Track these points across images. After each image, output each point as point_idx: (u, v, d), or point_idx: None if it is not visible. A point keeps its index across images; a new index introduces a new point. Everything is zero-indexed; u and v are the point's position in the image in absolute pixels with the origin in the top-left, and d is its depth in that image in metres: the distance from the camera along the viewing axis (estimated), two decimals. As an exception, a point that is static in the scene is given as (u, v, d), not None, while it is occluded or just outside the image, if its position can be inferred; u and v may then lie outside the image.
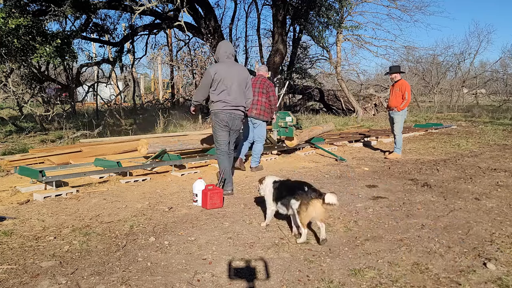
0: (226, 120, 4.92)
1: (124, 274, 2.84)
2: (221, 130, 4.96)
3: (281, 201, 3.61)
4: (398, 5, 17.03)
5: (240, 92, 4.94)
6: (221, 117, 4.90)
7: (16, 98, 10.07)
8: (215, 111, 4.92)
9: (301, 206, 3.36)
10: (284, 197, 3.56)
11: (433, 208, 4.47)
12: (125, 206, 4.49)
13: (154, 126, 11.44)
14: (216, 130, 4.98)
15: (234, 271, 2.91)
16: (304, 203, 3.35)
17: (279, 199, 3.63)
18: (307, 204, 3.34)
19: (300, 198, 3.38)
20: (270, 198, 3.76)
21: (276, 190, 3.70)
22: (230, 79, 4.83)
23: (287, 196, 3.52)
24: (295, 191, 3.46)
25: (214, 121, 4.98)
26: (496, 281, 2.75)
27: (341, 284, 2.72)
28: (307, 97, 20.10)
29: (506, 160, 7.48)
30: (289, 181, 3.84)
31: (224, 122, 4.92)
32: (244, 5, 32.71)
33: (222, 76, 4.78)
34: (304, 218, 3.37)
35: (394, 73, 7.91)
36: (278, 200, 3.65)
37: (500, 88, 27.49)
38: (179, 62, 15.45)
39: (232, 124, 4.98)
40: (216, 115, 4.92)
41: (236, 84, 4.88)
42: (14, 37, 7.25)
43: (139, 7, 9.38)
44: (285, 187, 3.66)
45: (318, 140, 8.66)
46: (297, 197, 3.41)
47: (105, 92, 18.46)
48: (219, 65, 4.89)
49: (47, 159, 6.37)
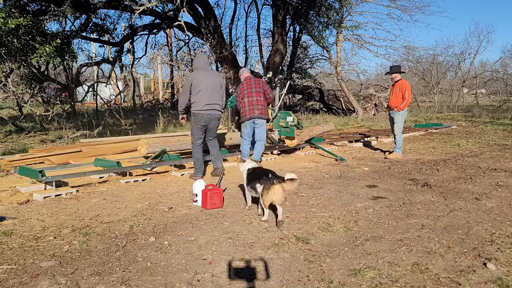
0: (203, 122, 5.57)
1: (124, 274, 2.84)
2: (198, 130, 5.64)
3: (250, 185, 4.23)
4: (398, 5, 17.06)
5: (215, 92, 5.63)
6: (198, 119, 5.56)
7: (16, 98, 10.07)
8: (194, 112, 5.56)
9: (264, 190, 3.94)
10: (253, 181, 4.18)
11: (433, 208, 4.47)
12: (125, 206, 4.49)
13: (154, 126, 11.44)
14: (194, 130, 5.65)
15: (234, 271, 2.91)
16: (266, 188, 3.92)
17: (249, 183, 4.26)
18: (268, 188, 3.90)
19: (263, 183, 3.97)
20: (244, 182, 4.42)
21: (248, 175, 4.35)
22: (205, 83, 5.54)
23: (254, 181, 4.14)
24: (261, 177, 4.06)
25: (193, 121, 5.64)
26: (496, 281, 2.75)
27: (341, 284, 2.72)
28: (307, 97, 20.10)
29: (506, 160, 7.48)
30: (259, 168, 4.45)
31: (202, 123, 5.58)
32: (244, 5, 32.75)
33: (199, 80, 5.52)
34: (266, 200, 3.95)
35: (395, 73, 7.91)
36: (249, 184, 4.28)
37: (500, 88, 27.49)
38: (179, 62, 15.47)
39: (209, 124, 5.66)
40: (195, 116, 5.57)
41: (211, 87, 5.58)
42: (14, 37, 7.25)
43: (139, 7, 9.38)
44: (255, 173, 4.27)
45: (318, 140, 8.66)
46: (261, 182, 4.01)
47: (105, 92, 18.46)
48: (196, 72, 5.65)
49: (47, 159, 6.36)
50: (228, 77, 14.30)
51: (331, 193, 5.13)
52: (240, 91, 6.46)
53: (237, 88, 6.61)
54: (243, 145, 6.60)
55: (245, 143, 6.57)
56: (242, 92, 6.43)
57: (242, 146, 6.62)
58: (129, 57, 17.09)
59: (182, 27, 11.49)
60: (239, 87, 6.54)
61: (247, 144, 6.58)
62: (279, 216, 3.92)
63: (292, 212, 4.30)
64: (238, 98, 6.48)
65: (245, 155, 6.57)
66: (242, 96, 6.41)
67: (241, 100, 6.42)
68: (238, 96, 6.49)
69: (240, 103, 6.43)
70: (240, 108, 6.45)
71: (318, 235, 3.61)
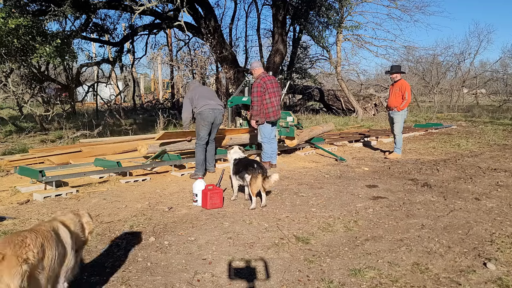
0: (209, 118, 5.73)
1: (124, 274, 2.84)
2: (204, 128, 5.78)
3: (238, 175, 4.65)
4: (398, 5, 17.05)
5: (214, 95, 6.07)
6: (204, 116, 5.71)
7: (16, 98, 10.07)
8: (199, 111, 5.74)
9: (251, 179, 4.40)
10: (240, 171, 4.62)
11: (433, 208, 4.47)
12: (125, 206, 4.49)
13: (154, 126, 11.44)
14: (200, 128, 5.79)
15: (234, 271, 2.91)
16: (253, 177, 4.40)
17: (237, 173, 4.68)
18: (255, 177, 4.39)
19: (250, 173, 4.45)
20: (231, 171, 4.84)
21: (235, 166, 4.76)
22: (203, 91, 6.06)
23: (242, 171, 4.59)
24: (247, 168, 4.52)
25: (198, 120, 5.80)
26: (496, 281, 2.75)
27: (341, 284, 2.72)
28: (307, 97, 20.10)
29: (506, 160, 7.48)
30: (244, 159, 4.88)
31: (208, 119, 5.73)
32: (244, 5, 32.81)
33: (197, 91, 5.94)
34: (253, 188, 4.41)
35: (395, 73, 7.91)
36: (236, 174, 4.69)
37: (500, 88, 27.47)
38: (179, 62, 15.46)
39: (215, 119, 5.82)
40: (201, 114, 5.73)
41: (209, 92, 6.13)
42: (14, 37, 7.25)
43: (139, 7, 9.37)
44: (241, 164, 4.70)
45: (318, 140, 8.66)
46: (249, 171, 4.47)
47: (105, 92, 18.47)
48: (192, 89, 6.10)
49: (47, 159, 6.36)
50: (228, 77, 14.31)
51: (331, 193, 5.13)
52: (263, 89, 6.00)
53: (257, 83, 6.06)
54: (267, 145, 6.34)
55: (269, 143, 6.32)
56: (266, 90, 6.01)
57: (266, 147, 6.35)
58: (129, 57, 17.12)
59: (182, 27, 11.48)
60: (261, 83, 6.03)
61: (269, 145, 6.35)
62: (263, 201, 4.50)
63: (292, 212, 4.31)
64: (258, 94, 6.01)
65: (269, 156, 6.37)
66: (266, 95, 6.01)
67: (264, 98, 6.04)
68: (258, 92, 6.00)
69: (263, 102, 6.04)
70: (260, 107, 6.05)
71: (318, 235, 3.61)
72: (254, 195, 4.42)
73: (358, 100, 17.51)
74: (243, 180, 4.57)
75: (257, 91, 6.04)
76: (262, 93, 6.05)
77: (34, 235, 1.70)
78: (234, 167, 4.76)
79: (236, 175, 4.70)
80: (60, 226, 1.96)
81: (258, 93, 6.04)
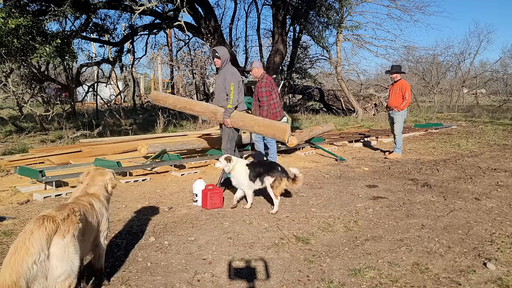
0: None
1: (124, 274, 2.84)
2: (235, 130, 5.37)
3: (258, 178, 4.53)
4: (398, 5, 17.06)
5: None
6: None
7: (16, 98, 10.06)
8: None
9: (274, 182, 4.45)
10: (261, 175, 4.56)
11: (433, 208, 4.47)
12: (125, 206, 4.49)
13: (154, 126, 11.44)
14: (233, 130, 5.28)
15: (234, 271, 2.91)
16: (277, 179, 4.45)
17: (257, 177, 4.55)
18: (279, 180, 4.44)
19: (274, 176, 4.48)
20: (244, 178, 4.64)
21: (251, 171, 4.56)
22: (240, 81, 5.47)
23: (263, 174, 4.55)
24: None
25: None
26: (496, 281, 2.75)
27: (341, 284, 2.72)
28: (307, 97, 20.10)
29: (506, 160, 7.48)
30: (258, 162, 4.93)
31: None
32: (244, 5, 32.78)
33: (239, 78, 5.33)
34: (277, 191, 4.43)
35: (395, 73, 7.91)
36: (256, 177, 4.55)
37: (500, 88, 27.46)
38: (179, 62, 15.46)
39: None
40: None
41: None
42: (14, 37, 7.25)
43: (139, 7, 9.38)
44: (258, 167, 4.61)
45: (318, 140, 8.66)
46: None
47: (105, 92, 18.45)
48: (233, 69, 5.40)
49: (47, 159, 6.36)
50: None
51: (331, 193, 5.13)
52: (270, 88, 5.88)
53: (265, 83, 5.89)
54: (260, 145, 6.20)
55: (262, 143, 6.20)
56: (273, 89, 5.91)
57: (258, 146, 6.22)
58: (129, 57, 17.11)
59: (182, 27, 11.48)
60: (268, 83, 5.89)
61: (262, 143, 6.23)
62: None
63: (292, 212, 4.31)
64: (267, 94, 5.85)
65: (271, 157, 6.22)
66: (273, 95, 5.90)
67: (271, 98, 5.90)
68: (267, 92, 5.84)
69: (270, 102, 5.90)
70: (267, 107, 5.87)
71: (318, 235, 3.61)
72: (277, 198, 4.39)
73: (358, 100, 17.51)
74: (262, 183, 4.49)
75: (266, 90, 5.85)
76: (270, 92, 5.89)
77: (77, 206, 2.33)
78: (251, 172, 4.50)
79: (255, 179, 4.50)
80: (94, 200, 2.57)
81: (267, 93, 5.85)
